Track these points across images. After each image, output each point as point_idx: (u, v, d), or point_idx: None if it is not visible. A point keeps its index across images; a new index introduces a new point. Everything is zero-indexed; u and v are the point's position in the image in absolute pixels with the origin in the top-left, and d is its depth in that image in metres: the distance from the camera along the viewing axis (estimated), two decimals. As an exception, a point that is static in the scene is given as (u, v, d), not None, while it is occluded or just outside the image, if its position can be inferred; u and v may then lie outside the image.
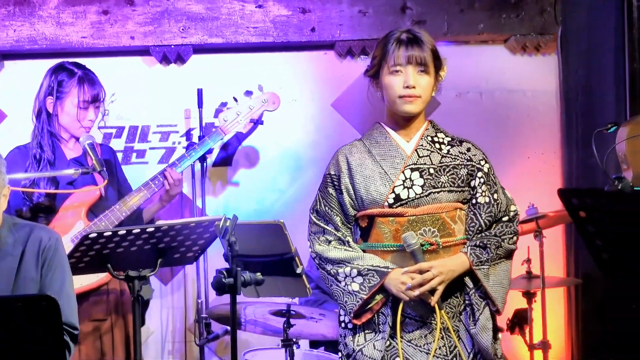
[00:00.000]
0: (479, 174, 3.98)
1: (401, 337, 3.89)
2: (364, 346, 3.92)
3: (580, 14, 5.73)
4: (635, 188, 3.60)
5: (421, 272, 3.75)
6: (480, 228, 3.94)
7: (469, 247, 3.87)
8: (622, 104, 5.08)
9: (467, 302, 3.94)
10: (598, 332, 5.62)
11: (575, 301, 5.85)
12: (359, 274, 3.86)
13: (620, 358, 5.33)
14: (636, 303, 4.93)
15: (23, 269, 3.84)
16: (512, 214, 4.01)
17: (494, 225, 3.96)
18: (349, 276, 3.88)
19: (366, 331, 3.95)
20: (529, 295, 5.23)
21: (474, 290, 3.91)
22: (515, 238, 3.99)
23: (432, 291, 3.80)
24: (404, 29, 4.01)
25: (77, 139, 5.07)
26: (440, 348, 3.92)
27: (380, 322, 3.92)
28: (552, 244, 5.54)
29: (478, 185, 3.98)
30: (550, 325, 5.43)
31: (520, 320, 5.29)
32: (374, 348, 3.90)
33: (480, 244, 3.88)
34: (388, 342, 3.91)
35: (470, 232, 3.96)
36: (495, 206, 3.98)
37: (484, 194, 3.97)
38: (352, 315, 3.90)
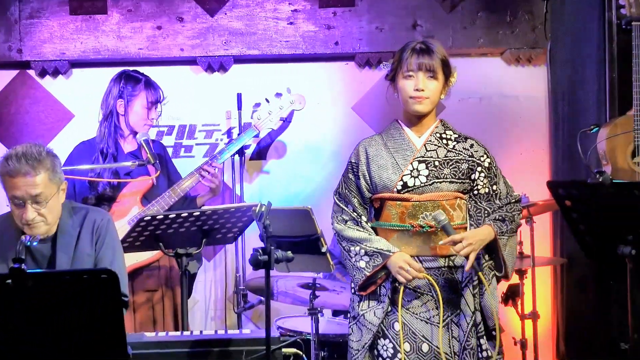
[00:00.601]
0: (479, 169, 4.00)
1: (402, 307, 3.93)
2: (366, 312, 4.00)
3: (566, 31, 5.66)
4: (613, 181, 3.52)
5: (454, 243, 3.77)
6: (485, 212, 3.97)
7: (492, 220, 3.93)
8: (602, 108, 5.02)
9: (473, 276, 3.96)
10: (580, 305, 5.55)
11: (561, 278, 5.78)
12: (366, 254, 3.94)
13: (597, 326, 5.24)
14: (614, 280, 4.84)
15: (80, 246, 3.87)
16: (515, 198, 4.05)
17: (506, 206, 3.99)
18: (358, 254, 3.95)
19: (370, 300, 4.01)
20: (520, 273, 5.18)
21: (486, 261, 3.96)
22: (521, 215, 4.06)
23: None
24: (420, 40, 4.07)
25: (134, 135, 5.08)
26: (437, 316, 3.97)
27: (382, 294, 3.99)
28: (541, 228, 5.46)
29: (478, 178, 4.00)
30: (539, 298, 5.36)
31: (513, 294, 5.25)
32: (374, 315, 3.98)
33: (500, 218, 3.93)
34: (389, 308, 3.97)
35: (478, 217, 3.98)
36: (494, 195, 4.01)
37: (484, 185, 4.01)
38: (358, 287, 3.97)
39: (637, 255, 3.49)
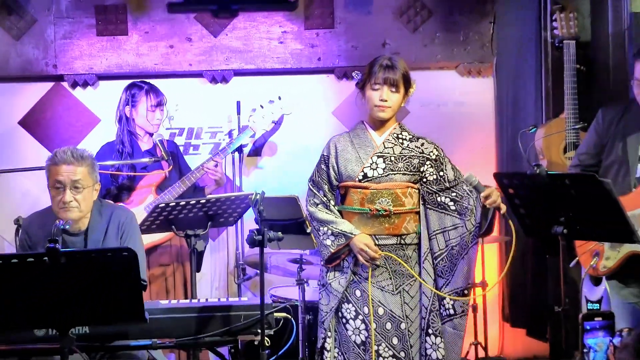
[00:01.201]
0: (427, 162, 4.07)
1: (355, 273, 4.05)
2: (333, 281, 4.07)
3: (509, 48, 5.69)
4: (548, 172, 3.54)
5: (487, 197, 3.87)
6: (436, 193, 4.06)
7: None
8: (539, 112, 5.04)
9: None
10: (521, 275, 5.56)
11: (505, 252, 5.79)
12: (332, 234, 4.00)
13: (536, 293, 5.24)
14: (549, 254, 4.85)
15: (107, 238, 3.89)
16: (463, 178, 4.07)
17: (456, 186, 4.07)
18: (326, 234, 4.01)
19: (335, 271, 4.06)
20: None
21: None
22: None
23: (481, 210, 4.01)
24: (387, 57, 4.10)
25: (151, 135, 5.09)
26: (391, 285, 4.05)
27: (345, 267, 4.06)
28: (489, 212, 5.43)
29: (426, 170, 4.06)
30: (487, 270, 5.41)
31: (466, 267, 5.25)
32: (338, 284, 4.06)
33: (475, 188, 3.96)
34: (352, 278, 4.04)
35: (430, 198, 4.07)
36: (443, 179, 4.07)
37: (431, 174, 4.07)
38: (324, 261, 4.04)
39: (567, 234, 3.51)
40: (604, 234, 3.64)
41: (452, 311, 4.03)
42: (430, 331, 4.03)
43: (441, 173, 4.07)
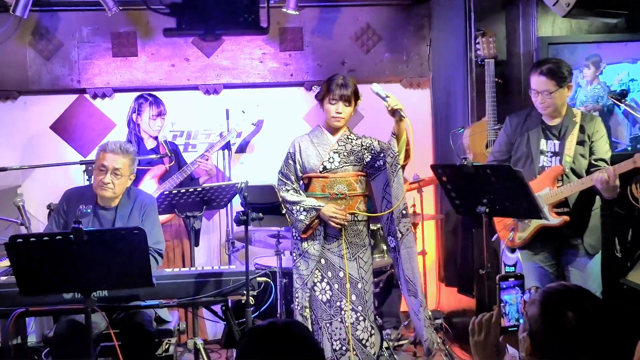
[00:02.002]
0: (366, 152, 4.12)
1: (324, 246, 4.08)
2: (308, 248, 4.08)
3: (442, 65, 5.70)
4: (474, 164, 3.55)
5: (393, 112, 3.95)
6: (375, 163, 4.09)
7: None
8: (466, 116, 5.04)
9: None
10: (453, 246, 5.58)
11: (441, 228, 5.83)
12: (304, 210, 4.01)
13: (465, 260, 5.27)
14: (474, 229, 4.87)
15: (132, 217, 3.87)
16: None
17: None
18: (299, 211, 4.02)
19: (309, 240, 4.06)
20: (415, 225, 5.16)
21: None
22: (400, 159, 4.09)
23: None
24: (342, 76, 4.13)
25: (155, 138, 5.07)
26: (348, 252, 4.08)
27: (317, 234, 4.06)
28: (427, 195, 5.48)
29: (367, 156, 4.11)
30: (426, 241, 5.40)
31: (409, 239, 5.25)
32: (314, 249, 4.07)
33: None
34: (320, 245, 4.05)
35: (372, 173, 4.11)
36: (375, 154, 4.12)
37: (368, 157, 4.12)
38: (301, 232, 4.03)
39: (489, 212, 3.53)
40: (517, 212, 3.67)
41: (400, 234, 4.06)
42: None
43: (375, 152, 4.11)
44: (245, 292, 3.58)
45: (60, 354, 3.59)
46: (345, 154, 4.08)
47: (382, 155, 4.07)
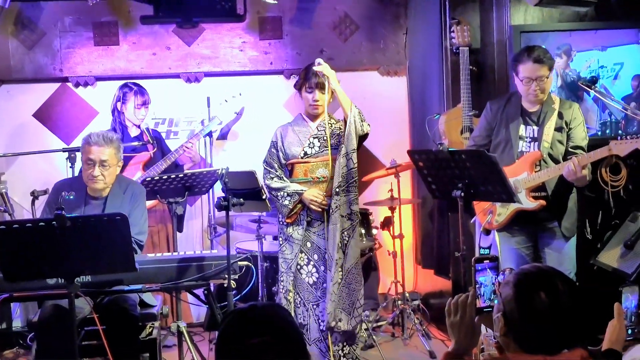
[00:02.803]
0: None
1: (309, 229, 4.08)
2: (293, 233, 4.08)
3: (418, 53, 5.68)
4: (449, 149, 3.55)
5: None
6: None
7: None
8: (442, 103, 5.03)
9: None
10: (429, 228, 5.56)
11: (418, 211, 5.82)
12: (288, 195, 4.03)
13: (440, 242, 5.28)
14: (450, 212, 4.88)
15: (122, 204, 3.81)
16: (366, 126, 4.08)
17: None
18: (283, 197, 4.03)
19: (293, 225, 4.06)
20: (392, 209, 5.18)
21: None
22: (365, 131, 4.07)
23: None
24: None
25: (138, 126, 5.01)
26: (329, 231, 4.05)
27: (301, 219, 4.07)
28: (404, 180, 5.50)
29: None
30: (404, 225, 5.38)
31: (387, 223, 5.28)
32: (298, 233, 4.09)
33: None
34: (304, 230, 4.06)
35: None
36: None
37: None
38: (286, 217, 4.04)
39: (464, 196, 3.53)
40: (492, 196, 3.66)
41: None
42: None
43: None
44: (227, 275, 3.55)
45: (45, 338, 3.55)
46: (325, 138, 4.06)
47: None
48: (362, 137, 4.07)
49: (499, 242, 4.16)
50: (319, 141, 4.08)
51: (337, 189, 3.99)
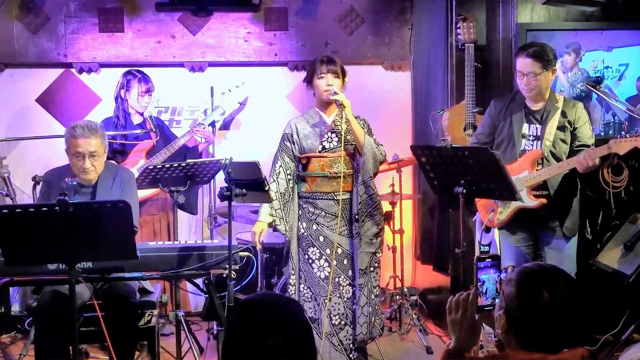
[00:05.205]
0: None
1: (318, 223, 4.07)
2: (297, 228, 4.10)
3: (423, 49, 5.65)
4: (452, 145, 3.54)
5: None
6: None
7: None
8: (445, 99, 5.02)
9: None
10: (430, 224, 5.56)
11: (418, 207, 5.81)
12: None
13: (441, 238, 5.27)
14: (451, 208, 4.88)
15: (112, 190, 3.80)
16: (382, 150, 4.11)
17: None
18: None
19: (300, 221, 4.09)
20: (393, 204, 5.19)
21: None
22: (383, 155, 4.13)
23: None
24: (325, 55, 4.09)
25: (141, 114, 4.99)
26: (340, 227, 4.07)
27: (308, 215, 4.11)
28: (406, 175, 5.49)
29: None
30: (404, 220, 5.39)
31: (388, 217, 5.24)
32: (302, 228, 4.11)
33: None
34: (314, 226, 4.08)
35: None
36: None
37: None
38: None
39: (466, 193, 3.52)
40: (493, 193, 3.66)
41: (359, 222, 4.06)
42: None
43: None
44: (227, 265, 3.55)
45: (44, 324, 3.56)
46: (342, 133, 4.03)
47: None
48: (381, 162, 4.13)
49: (498, 240, 4.16)
50: (336, 135, 4.05)
51: (357, 216, 4.03)
